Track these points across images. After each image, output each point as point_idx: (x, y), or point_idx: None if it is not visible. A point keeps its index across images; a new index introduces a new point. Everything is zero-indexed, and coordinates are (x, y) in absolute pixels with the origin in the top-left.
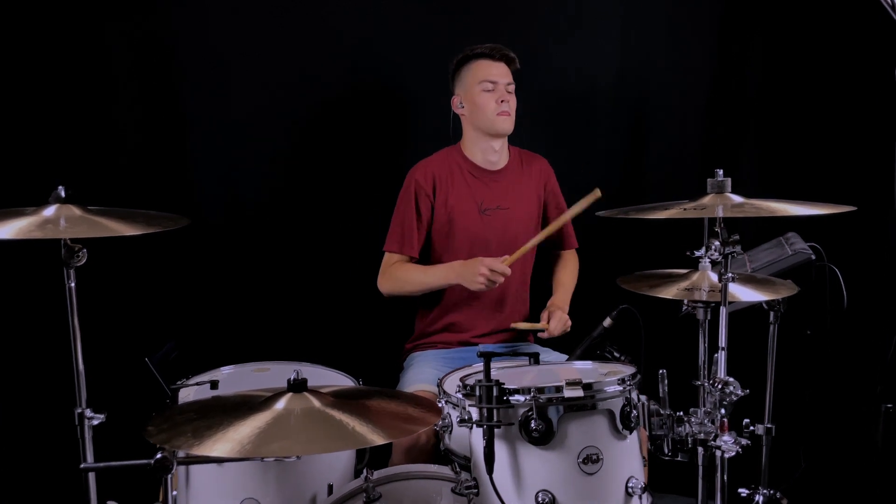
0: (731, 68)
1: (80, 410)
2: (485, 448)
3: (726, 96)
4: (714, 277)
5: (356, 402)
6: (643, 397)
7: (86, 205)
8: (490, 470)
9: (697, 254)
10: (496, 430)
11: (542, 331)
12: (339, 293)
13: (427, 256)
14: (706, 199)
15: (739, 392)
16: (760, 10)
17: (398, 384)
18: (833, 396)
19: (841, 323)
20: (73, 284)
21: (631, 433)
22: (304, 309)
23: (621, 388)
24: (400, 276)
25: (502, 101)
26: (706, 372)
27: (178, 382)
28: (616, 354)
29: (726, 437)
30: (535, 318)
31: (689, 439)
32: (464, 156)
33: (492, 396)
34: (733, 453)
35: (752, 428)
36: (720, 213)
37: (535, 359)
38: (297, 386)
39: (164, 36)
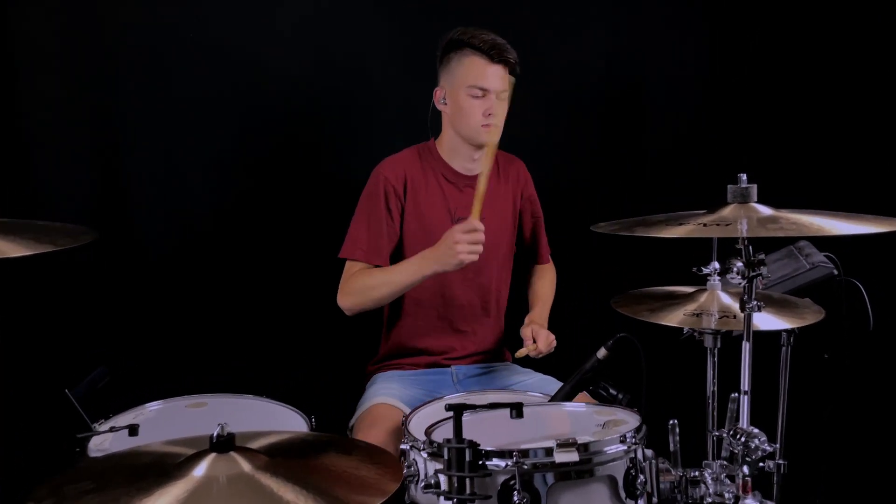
0: (727, 67)
1: None
2: None
3: (723, 95)
4: (725, 298)
5: (298, 462)
6: (650, 453)
7: None
8: None
9: (706, 271)
10: None
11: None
12: (289, 313)
13: None
14: (727, 211)
15: (767, 447)
16: (757, 7)
17: (359, 401)
18: (853, 428)
19: (863, 345)
20: None
21: (636, 502)
22: (249, 330)
23: (625, 448)
24: (364, 283)
25: (489, 115)
26: (716, 414)
27: (92, 427)
28: (612, 392)
29: (749, 501)
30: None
31: (706, 503)
32: (439, 156)
33: (464, 463)
34: None
35: (761, 464)
36: (744, 231)
37: (517, 410)
38: (223, 444)
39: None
